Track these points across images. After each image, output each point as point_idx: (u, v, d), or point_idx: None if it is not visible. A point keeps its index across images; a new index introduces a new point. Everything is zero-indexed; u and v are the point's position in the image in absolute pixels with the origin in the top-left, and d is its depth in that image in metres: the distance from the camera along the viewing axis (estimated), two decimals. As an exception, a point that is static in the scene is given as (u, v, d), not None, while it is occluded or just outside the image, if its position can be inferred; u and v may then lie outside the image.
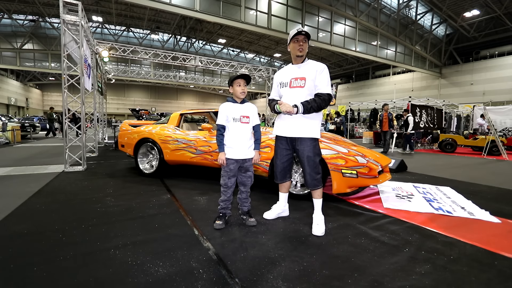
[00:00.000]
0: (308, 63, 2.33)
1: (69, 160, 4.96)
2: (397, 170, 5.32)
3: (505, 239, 2.24)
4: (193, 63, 12.29)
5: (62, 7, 4.73)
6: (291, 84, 2.32)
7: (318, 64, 2.30)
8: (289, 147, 2.38)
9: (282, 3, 15.81)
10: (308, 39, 2.29)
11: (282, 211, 2.61)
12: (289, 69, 2.41)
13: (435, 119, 11.39)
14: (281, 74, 2.46)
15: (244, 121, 2.33)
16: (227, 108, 2.34)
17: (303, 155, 2.29)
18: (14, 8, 21.87)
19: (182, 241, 2.05)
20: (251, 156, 2.38)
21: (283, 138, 2.39)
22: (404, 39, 21.84)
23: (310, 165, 2.28)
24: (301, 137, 2.29)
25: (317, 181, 2.30)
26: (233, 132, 2.32)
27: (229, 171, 2.33)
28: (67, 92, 4.95)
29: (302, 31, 2.24)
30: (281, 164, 2.43)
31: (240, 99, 2.36)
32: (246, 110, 2.36)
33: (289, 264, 1.74)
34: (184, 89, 42.67)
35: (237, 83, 2.33)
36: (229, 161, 2.32)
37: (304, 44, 2.28)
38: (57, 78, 31.49)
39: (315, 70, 2.25)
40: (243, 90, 2.33)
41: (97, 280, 1.53)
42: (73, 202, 3.00)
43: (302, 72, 2.30)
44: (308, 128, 2.28)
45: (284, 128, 2.36)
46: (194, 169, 4.89)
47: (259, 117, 2.72)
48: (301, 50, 2.27)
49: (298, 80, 2.29)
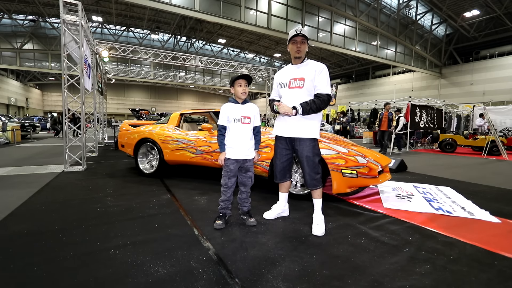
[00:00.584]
0: (308, 63, 2.33)
1: (69, 160, 4.96)
2: (397, 170, 5.32)
3: (505, 239, 2.24)
4: (193, 63, 12.30)
5: (62, 7, 4.73)
6: (290, 85, 2.33)
7: (317, 64, 2.30)
8: (288, 147, 2.39)
9: (282, 3, 15.81)
10: (306, 40, 2.29)
11: (282, 211, 2.61)
12: (288, 70, 2.41)
13: (435, 119, 11.38)
14: (280, 74, 2.47)
15: (245, 121, 2.33)
16: (228, 108, 2.35)
17: (302, 155, 2.29)
18: (14, 8, 21.87)
19: (182, 241, 2.05)
20: (251, 156, 2.38)
21: (283, 138, 2.40)
22: (404, 39, 21.85)
23: (310, 165, 2.28)
24: (300, 137, 2.30)
25: (316, 181, 2.30)
26: (234, 132, 2.33)
27: (229, 171, 2.33)
28: (67, 92, 4.95)
29: (300, 32, 2.24)
30: (280, 164, 2.44)
31: (241, 99, 2.36)
32: (247, 111, 2.36)
33: (289, 264, 1.74)
34: (184, 89, 42.68)
35: (238, 84, 2.33)
36: (229, 161, 2.33)
37: (302, 45, 2.28)
38: (57, 78, 31.50)
39: (314, 71, 2.26)
40: (244, 90, 2.33)
41: (97, 280, 1.53)
42: (73, 202, 3.00)
43: (301, 73, 2.30)
44: (307, 129, 2.29)
45: (284, 128, 2.37)
46: (194, 169, 4.89)
47: (260, 117, 2.73)
48: (298, 51, 2.28)
49: (297, 80, 2.29)
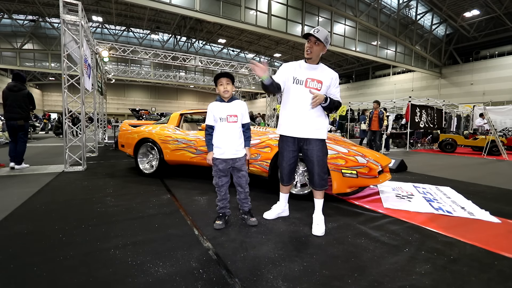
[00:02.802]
0: (324, 68, 2.29)
1: (69, 160, 4.96)
2: (397, 170, 5.32)
3: (505, 239, 2.24)
4: (193, 63, 12.30)
5: (62, 7, 4.73)
6: (307, 84, 2.24)
7: (332, 71, 2.30)
8: (295, 148, 2.32)
9: (282, 3, 15.81)
10: (322, 43, 2.18)
11: (282, 211, 2.60)
12: (303, 67, 2.29)
13: (435, 119, 11.39)
14: (295, 68, 2.31)
15: (232, 120, 2.27)
16: (214, 108, 2.30)
17: (312, 155, 2.24)
18: (14, 8, 21.84)
19: (182, 241, 2.05)
20: (241, 155, 2.32)
21: (290, 138, 2.31)
22: (404, 39, 21.84)
23: (320, 165, 2.24)
24: (310, 138, 2.25)
25: (325, 181, 2.28)
26: (221, 132, 2.28)
27: (218, 171, 2.31)
28: (67, 92, 4.95)
29: (315, 33, 2.14)
30: (287, 166, 2.37)
31: (226, 98, 2.30)
32: (233, 109, 2.29)
33: (289, 264, 1.74)
34: (184, 89, 42.65)
35: (220, 82, 2.27)
36: (217, 161, 2.30)
37: (315, 47, 2.19)
38: (57, 78, 31.47)
39: (330, 78, 2.25)
40: (225, 88, 2.26)
41: (97, 280, 1.53)
42: (73, 202, 3.00)
43: (319, 75, 2.24)
44: (318, 129, 2.25)
45: (292, 127, 2.28)
46: (194, 169, 4.89)
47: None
48: (308, 52, 2.22)
49: (315, 82, 2.23)
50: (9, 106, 4.71)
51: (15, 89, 4.75)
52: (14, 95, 4.72)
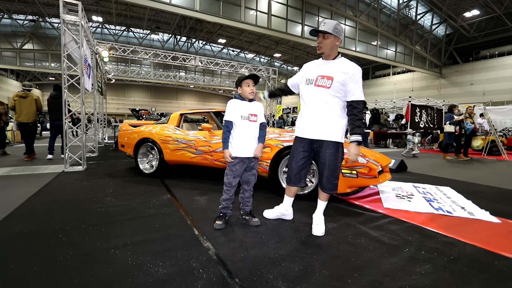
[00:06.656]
0: (340, 61, 2.11)
1: (69, 160, 4.96)
2: (397, 170, 5.32)
3: (505, 239, 2.24)
4: (193, 63, 12.29)
5: (62, 7, 4.73)
6: (316, 82, 2.13)
7: (351, 65, 2.08)
8: (306, 149, 2.23)
9: (282, 3, 15.82)
10: (331, 35, 2.07)
11: (284, 214, 2.52)
12: (317, 64, 2.23)
13: (435, 119, 11.38)
14: (309, 68, 2.27)
15: (252, 119, 2.33)
16: (236, 105, 2.32)
17: (324, 157, 2.15)
18: (14, 8, 21.86)
19: (182, 241, 2.05)
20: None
21: (304, 139, 2.24)
22: (404, 39, 21.85)
23: (330, 169, 2.15)
24: (324, 140, 2.14)
25: (334, 185, 2.20)
26: (241, 130, 2.30)
27: (234, 171, 2.31)
28: (67, 92, 4.95)
29: (320, 28, 2.09)
30: (296, 167, 2.28)
31: (249, 99, 2.37)
32: (254, 109, 2.36)
33: (289, 264, 1.74)
34: (184, 89, 42.66)
35: (246, 84, 2.33)
36: (235, 160, 2.30)
37: (324, 41, 2.09)
38: (57, 78, 31.46)
39: (344, 73, 2.04)
40: (252, 90, 2.34)
41: (97, 280, 1.53)
42: (73, 202, 3.00)
43: (329, 70, 2.10)
44: (333, 130, 2.13)
45: (306, 129, 2.22)
46: (194, 169, 4.89)
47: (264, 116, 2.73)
48: (319, 48, 2.14)
49: (325, 79, 2.09)
50: (53, 110, 6.03)
51: (56, 97, 6.00)
52: (56, 102, 5.92)
